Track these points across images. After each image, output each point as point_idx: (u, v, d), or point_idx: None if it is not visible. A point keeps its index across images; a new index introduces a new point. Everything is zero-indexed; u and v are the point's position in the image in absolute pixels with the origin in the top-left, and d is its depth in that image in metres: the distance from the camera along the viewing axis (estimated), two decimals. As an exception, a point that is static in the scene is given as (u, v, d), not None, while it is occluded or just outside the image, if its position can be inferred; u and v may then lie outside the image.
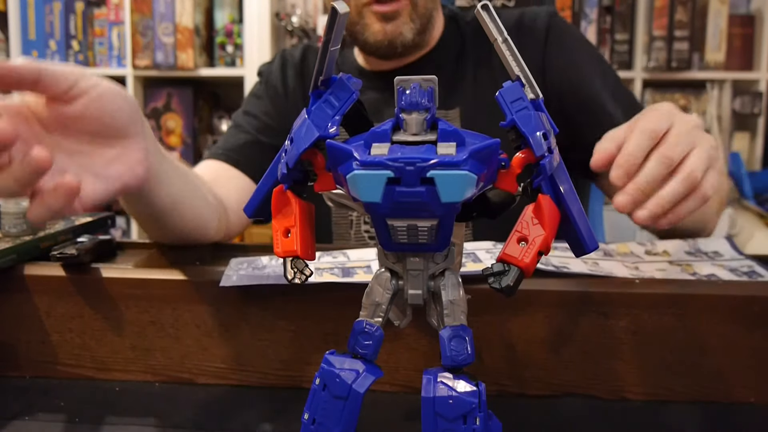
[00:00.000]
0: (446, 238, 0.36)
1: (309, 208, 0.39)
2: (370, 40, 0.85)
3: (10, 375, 0.56)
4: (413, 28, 0.85)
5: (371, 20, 0.84)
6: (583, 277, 0.54)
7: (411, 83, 0.36)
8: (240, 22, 2.14)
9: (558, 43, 0.89)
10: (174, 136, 2.19)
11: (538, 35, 0.89)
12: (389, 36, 0.84)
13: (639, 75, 2.04)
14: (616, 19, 2.07)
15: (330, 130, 0.36)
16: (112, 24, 2.15)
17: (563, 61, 0.89)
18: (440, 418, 0.35)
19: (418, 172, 0.32)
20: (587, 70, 0.89)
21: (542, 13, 0.92)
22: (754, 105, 2.05)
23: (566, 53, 0.89)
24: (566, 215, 0.37)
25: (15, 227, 0.58)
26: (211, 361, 0.54)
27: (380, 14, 0.83)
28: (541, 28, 0.89)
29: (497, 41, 0.36)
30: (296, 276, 0.38)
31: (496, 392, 0.52)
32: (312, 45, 1.03)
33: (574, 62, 0.89)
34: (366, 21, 0.84)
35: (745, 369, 0.51)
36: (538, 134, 0.35)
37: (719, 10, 2.06)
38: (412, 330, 0.52)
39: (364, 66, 0.95)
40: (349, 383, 0.37)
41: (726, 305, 0.50)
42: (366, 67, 0.95)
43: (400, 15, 0.83)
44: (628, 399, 0.52)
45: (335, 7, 0.34)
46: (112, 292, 0.54)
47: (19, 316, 0.55)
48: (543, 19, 0.90)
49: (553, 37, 0.89)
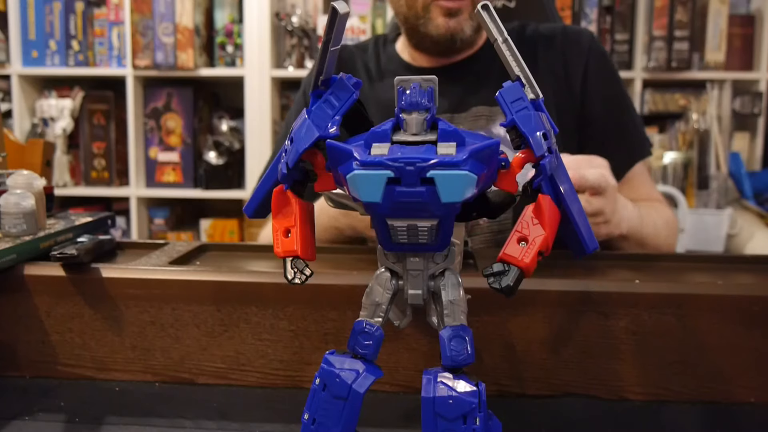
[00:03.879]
0: (446, 238, 0.36)
1: (309, 208, 0.39)
2: (433, 34, 0.89)
3: (10, 375, 0.56)
4: (472, 26, 0.90)
5: (436, 14, 0.88)
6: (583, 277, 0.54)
7: (411, 83, 0.36)
8: (240, 22, 2.14)
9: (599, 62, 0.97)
10: (174, 136, 2.19)
11: (583, 48, 0.97)
12: (451, 30, 0.89)
13: (639, 75, 2.04)
14: (616, 19, 2.07)
15: (330, 130, 0.36)
16: (112, 24, 2.15)
17: (602, 78, 0.96)
18: (440, 418, 0.35)
19: (418, 172, 0.32)
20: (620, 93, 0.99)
21: (585, 32, 1.00)
22: (754, 105, 2.05)
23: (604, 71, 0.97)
24: (566, 215, 0.37)
25: (15, 227, 0.58)
26: (211, 361, 0.54)
27: (446, 9, 0.88)
28: (585, 44, 0.97)
29: (497, 41, 0.36)
30: (296, 276, 0.38)
31: (496, 392, 0.52)
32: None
33: (611, 81, 0.98)
34: (431, 15, 0.89)
35: (745, 369, 0.51)
36: (538, 134, 0.35)
37: (719, 10, 2.06)
38: (412, 330, 0.52)
39: (410, 62, 0.98)
40: (349, 383, 0.37)
41: (726, 305, 0.50)
42: (412, 63, 0.98)
43: (462, 12, 0.88)
44: (628, 399, 0.52)
45: (335, 7, 0.34)
46: (112, 292, 0.54)
47: (19, 316, 0.55)
48: (587, 37, 0.99)
49: (595, 53, 0.97)
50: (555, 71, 0.94)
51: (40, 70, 2.16)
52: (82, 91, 2.20)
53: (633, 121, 0.97)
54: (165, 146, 2.20)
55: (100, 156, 2.21)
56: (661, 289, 0.51)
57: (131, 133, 2.14)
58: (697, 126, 2.07)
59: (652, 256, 0.70)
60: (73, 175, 2.23)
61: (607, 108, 0.95)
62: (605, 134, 0.94)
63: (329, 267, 0.62)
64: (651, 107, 2.10)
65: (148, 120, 2.19)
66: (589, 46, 0.98)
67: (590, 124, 0.94)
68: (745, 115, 2.09)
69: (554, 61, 0.95)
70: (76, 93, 2.20)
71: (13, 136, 0.76)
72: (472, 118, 0.91)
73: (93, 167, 2.22)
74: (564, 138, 0.92)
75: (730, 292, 0.51)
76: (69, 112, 2.17)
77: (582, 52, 0.96)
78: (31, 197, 0.59)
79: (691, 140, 2.09)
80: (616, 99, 0.97)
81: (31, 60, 2.16)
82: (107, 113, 2.20)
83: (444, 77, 0.92)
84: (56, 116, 2.17)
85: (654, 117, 2.11)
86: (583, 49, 0.97)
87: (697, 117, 2.07)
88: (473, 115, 0.91)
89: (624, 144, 0.95)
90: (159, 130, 2.19)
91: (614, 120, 0.96)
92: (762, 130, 2.09)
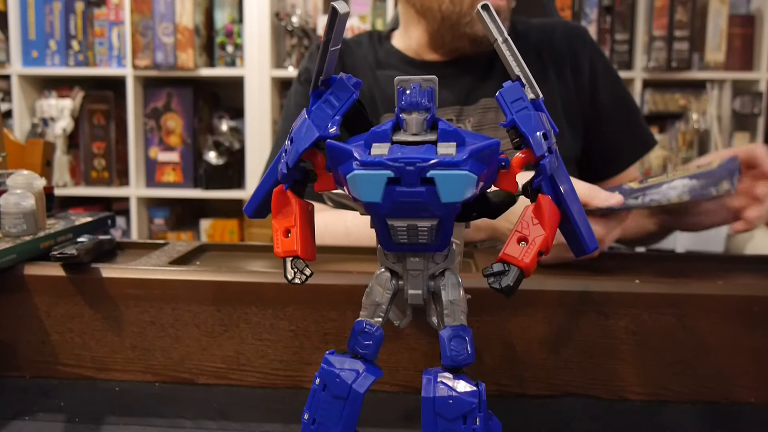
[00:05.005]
0: (446, 238, 0.36)
1: (309, 208, 0.39)
2: (480, 33, 0.90)
3: (10, 375, 0.56)
4: (508, 25, 0.93)
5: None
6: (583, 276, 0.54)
7: (411, 83, 0.36)
8: (240, 22, 2.14)
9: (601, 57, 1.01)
10: (174, 136, 2.19)
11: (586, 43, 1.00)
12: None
13: (639, 75, 2.04)
14: (616, 19, 2.07)
15: (330, 130, 0.36)
16: (112, 24, 2.15)
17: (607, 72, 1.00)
18: (440, 418, 0.35)
19: (418, 172, 0.32)
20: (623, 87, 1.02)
21: (583, 27, 1.04)
22: (754, 105, 2.05)
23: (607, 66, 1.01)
24: (566, 215, 0.37)
25: (15, 227, 0.58)
26: (211, 361, 0.54)
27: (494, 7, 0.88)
28: (588, 39, 1.00)
29: (497, 41, 0.36)
30: (296, 276, 0.38)
31: (496, 392, 0.52)
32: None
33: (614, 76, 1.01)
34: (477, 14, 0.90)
35: (745, 369, 0.51)
36: (538, 134, 0.35)
37: (719, 10, 2.06)
38: (412, 330, 0.52)
39: (413, 57, 0.98)
40: (349, 383, 0.37)
41: (726, 305, 0.50)
42: (416, 57, 0.98)
43: (502, 11, 0.90)
44: (628, 399, 0.52)
45: (335, 7, 0.34)
46: (112, 292, 0.54)
47: (19, 316, 0.55)
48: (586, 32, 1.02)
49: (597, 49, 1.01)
50: (562, 68, 0.96)
51: (40, 70, 2.16)
52: (82, 91, 2.20)
53: (638, 113, 1.01)
54: (165, 146, 2.20)
55: (100, 156, 2.21)
56: (661, 289, 0.51)
57: (131, 133, 2.14)
58: (697, 126, 2.07)
59: (652, 256, 0.70)
60: (73, 175, 2.23)
61: (615, 102, 0.98)
62: (616, 127, 0.97)
63: (329, 267, 0.62)
64: (651, 107, 2.10)
65: (148, 120, 2.19)
66: (591, 42, 1.00)
67: (601, 118, 0.96)
68: (745, 115, 2.09)
69: (561, 58, 0.96)
70: (76, 93, 2.20)
71: (13, 136, 0.76)
72: (481, 110, 0.92)
73: (93, 167, 2.22)
74: (572, 134, 0.93)
75: (730, 292, 0.51)
76: (69, 112, 2.17)
77: (586, 47, 0.99)
78: (31, 197, 0.59)
79: (691, 140, 2.09)
80: (622, 93, 1.00)
81: (31, 60, 2.16)
82: (107, 113, 2.20)
83: (453, 70, 0.94)
84: (56, 116, 2.17)
85: (654, 117, 2.11)
86: (587, 44, 0.99)
87: (697, 117, 2.07)
88: (482, 107, 0.92)
89: (634, 136, 0.99)
90: (159, 130, 2.19)
91: (623, 113, 0.99)
92: (762, 130, 2.09)
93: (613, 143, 0.98)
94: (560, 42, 0.97)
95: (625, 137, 0.98)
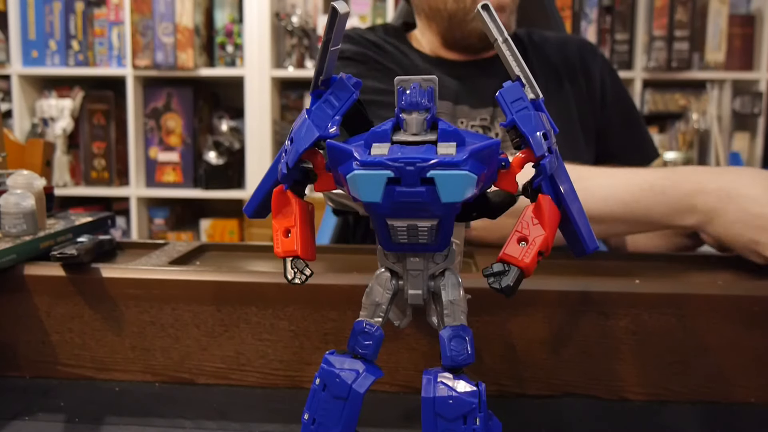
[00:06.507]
0: (446, 238, 0.36)
1: (309, 208, 0.39)
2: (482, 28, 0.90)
3: (10, 375, 0.56)
4: (515, 21, 0.94)
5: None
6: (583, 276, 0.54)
7: (411, 83, 0.36)
8: (240, 22, 2.14)
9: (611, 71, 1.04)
10: (174, 136, 2.19)
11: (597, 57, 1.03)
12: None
13: (639, 75, 2.04)
14: (616, 19, 2.07)
15: (330, 130, 0.36)
16: (112, 24, 2.15)
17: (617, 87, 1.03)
18: (440, 418, 0.35)
19: (418, 172, 0.32)
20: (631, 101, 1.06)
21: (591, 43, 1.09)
22: (754, 105, 2.05)
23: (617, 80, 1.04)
24: (566, 215, 0.37)
25: (15, 227, 0.58)
26: (211, 361, 0.54)
27: (496, 4, 0.90)
28: (598, 54, 1.04)
29: (497, 41, 0.36)
30: (296, 276, 0.38)
31: (496, 392, 0.52)
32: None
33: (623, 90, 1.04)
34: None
35: (745, 369, 0.51)
36: (538, 134, 0.35)
37: (719, 10, 2.06)
38: (412, 330, 0.52)
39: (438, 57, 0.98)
40: (349, 383, 0.37)
41: (726, 305, 0.50)
42: (443, 57, 0.98)
43: (507, 8, 0.91)
44: (628, 399, 0.52)
45: (335, 7, 0.34)
46: (112, 292, 0.54)
47: (19, 316, 0.55)
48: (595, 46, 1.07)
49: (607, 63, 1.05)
50: (576, 78, 0.98)
51: (40, 70, 2.16)
52: (82, 91, 2.20)
53: (644, 126, 1.04)
54: (165, 146, 2.20)
55: (100, 156, 2.22)
56: (661, 289, 0.51)
57: (131, 133, 2.14)
58: (697, 126, 2.07)
59: (652, 256, 0.70)
60: (73, 175, 2.23)
61: (624, 117, 1.02)
62: (624, 141, 1.01)
63: (329, 267, 0.62)
64: (651, 107, 2.10)
65: (148, 120, 2.19)
66: (601, 55, 1.03)
67: (607, 128, 1.00)
68: (745, 115, 2.09)
69: (574, 69, 0.99)
70: (76, 93, 2.20)
71: (13, 136, 0.76)
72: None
73: (93, 167, 2.22)
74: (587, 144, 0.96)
75: (730, 292, 0.51)
76: (69, 112, 2.17)
77: (596, 59, 1.01)
78: (31, 197, 0.59)
79: (691, 140, 2.09)
80: (630, 107, 1.04)
81: (31, 60, 2.16)
82: (107, 113, 2.20)
83: (479, 72, 0.95)
84: (56, 116, 2.17)
85: (654, 117, 2.11)
86: (597, 57, 1.02)
87: (697, 117, 2.07)
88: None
89: (640, 149, 1.02)
90: (159, 130, 2.19)
91: (630, 128, 1.02)
92: (762, 130, 2.09)
93: (617, 154, 1.00)
94: (573, 55, 1.00)
95: (629, 149, 1.01)
